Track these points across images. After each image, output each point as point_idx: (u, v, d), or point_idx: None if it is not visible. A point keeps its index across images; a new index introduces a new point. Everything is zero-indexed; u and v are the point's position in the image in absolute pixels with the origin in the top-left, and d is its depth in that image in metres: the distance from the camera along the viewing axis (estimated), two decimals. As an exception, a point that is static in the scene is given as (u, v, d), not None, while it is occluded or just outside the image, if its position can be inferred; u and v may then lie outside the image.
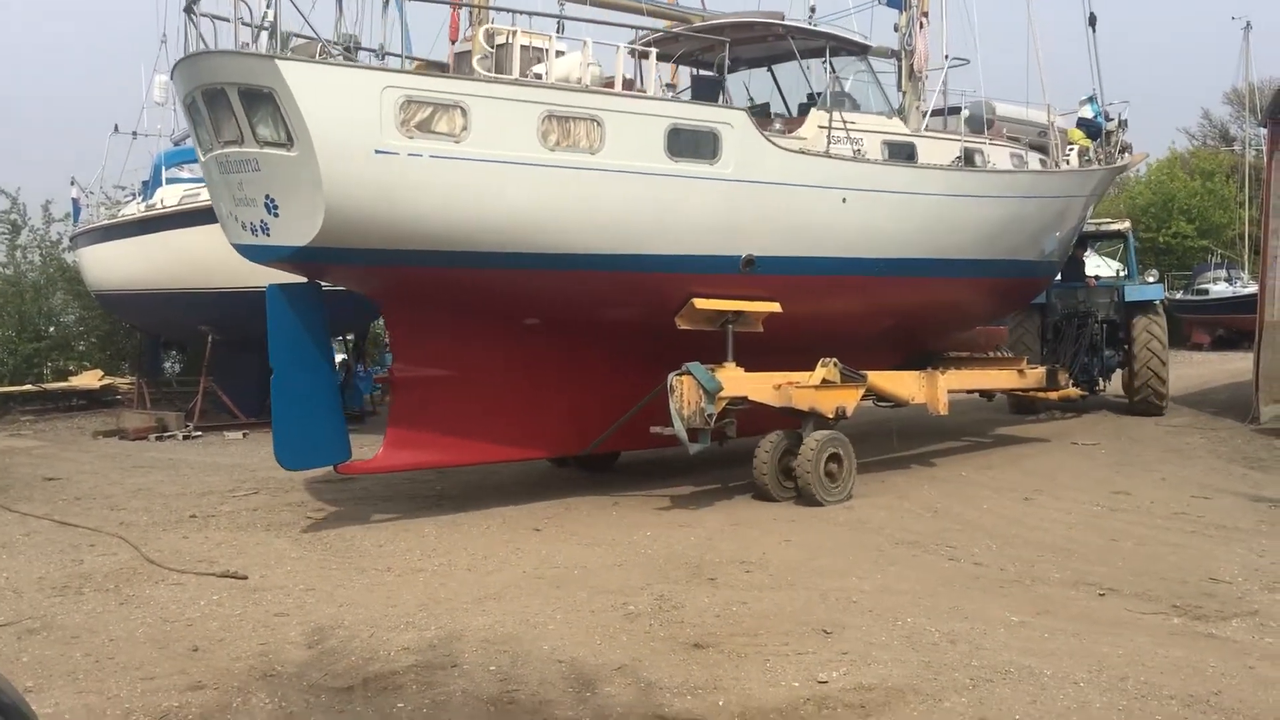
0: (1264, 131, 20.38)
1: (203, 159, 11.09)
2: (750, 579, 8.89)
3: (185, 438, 18.67)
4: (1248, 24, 50.33)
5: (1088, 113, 18.22)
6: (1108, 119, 18.35)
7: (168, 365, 25.94)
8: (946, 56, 15.28)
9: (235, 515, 11.74)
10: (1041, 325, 19.82)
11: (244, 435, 18.80)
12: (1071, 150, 17.44)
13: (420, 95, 9.94)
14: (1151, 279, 21.32)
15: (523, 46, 10.97)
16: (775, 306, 12.20)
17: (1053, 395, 17.22)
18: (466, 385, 11.64)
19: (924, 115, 14.72)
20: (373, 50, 10.82)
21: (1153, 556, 9.52)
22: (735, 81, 15.17)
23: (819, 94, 13.78)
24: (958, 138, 14.44)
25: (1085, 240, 20.64)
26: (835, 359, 12.49)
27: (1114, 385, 21.18)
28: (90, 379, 24.07)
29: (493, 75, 10.70)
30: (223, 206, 11.08)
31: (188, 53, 10.19)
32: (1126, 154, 19.15)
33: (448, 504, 12.24)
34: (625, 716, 6.00)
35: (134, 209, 21.74)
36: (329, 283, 11.47)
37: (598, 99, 10.84)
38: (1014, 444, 16.51)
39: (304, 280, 11.13)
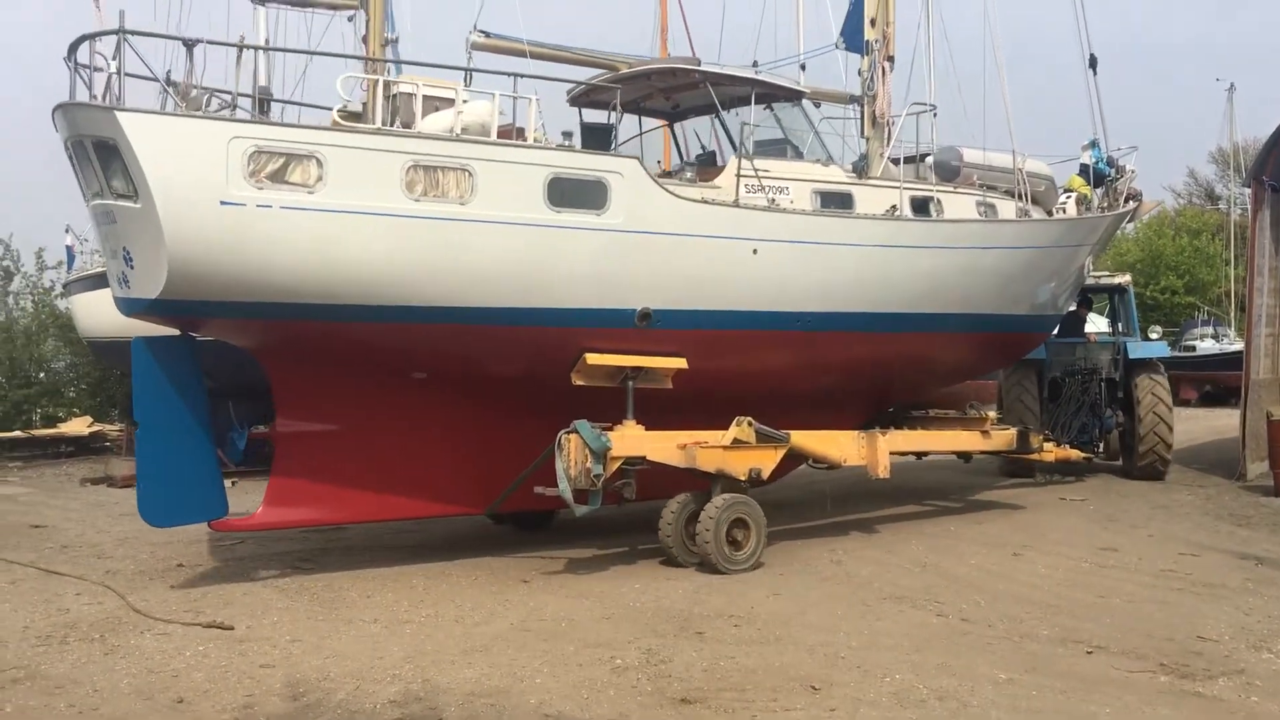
0: (1248, 191, 20.61)
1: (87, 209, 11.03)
2: (738, 633, 8.88)
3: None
4: (1231, 85, 51.27)
5: (1089, 158, 17.42)
6: (1111, 165, 17.60)
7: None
8: (933, 108, 15.05)
9: (223, 564, 11.70)
10: (1038, 382, 18.76)
11: (233, 484, 18.58)
12: (1069, 198, 16.76)
13: (271, 146, 9.83)
14: (1155, 335, 20.54)
15: (407, 95, 10.83)
16: (680, 362, 11.77)
17: (1048, 458, 16.37)
18: (351, 440, 11.30)
19: (883, 162, 14.30)
20: (299, 103, 10.70)
21: (1140, 614, 9.52)
22: (684, 129, 14.98)
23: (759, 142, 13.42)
24: (897, 184, 13.72)
25: (1085, 295, 19.77)
26: (750, 418, 11.81)
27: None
28: (79, 425, 24.02)
29: (351, 125, 10.58)
30: (104, 258, 11.03)
31: (59, 103, 10.10)
32: (1134, 202, 18.16)
33: (435, 553, 12.20)
34: (611, 772, 5.98)
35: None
36: (205, 335, 11.21)
37: (469, 148, 10.57)
38: (1002, 498, 16.50)
39: (173, 333, 10.95)
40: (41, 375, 24.97)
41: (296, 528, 12.45)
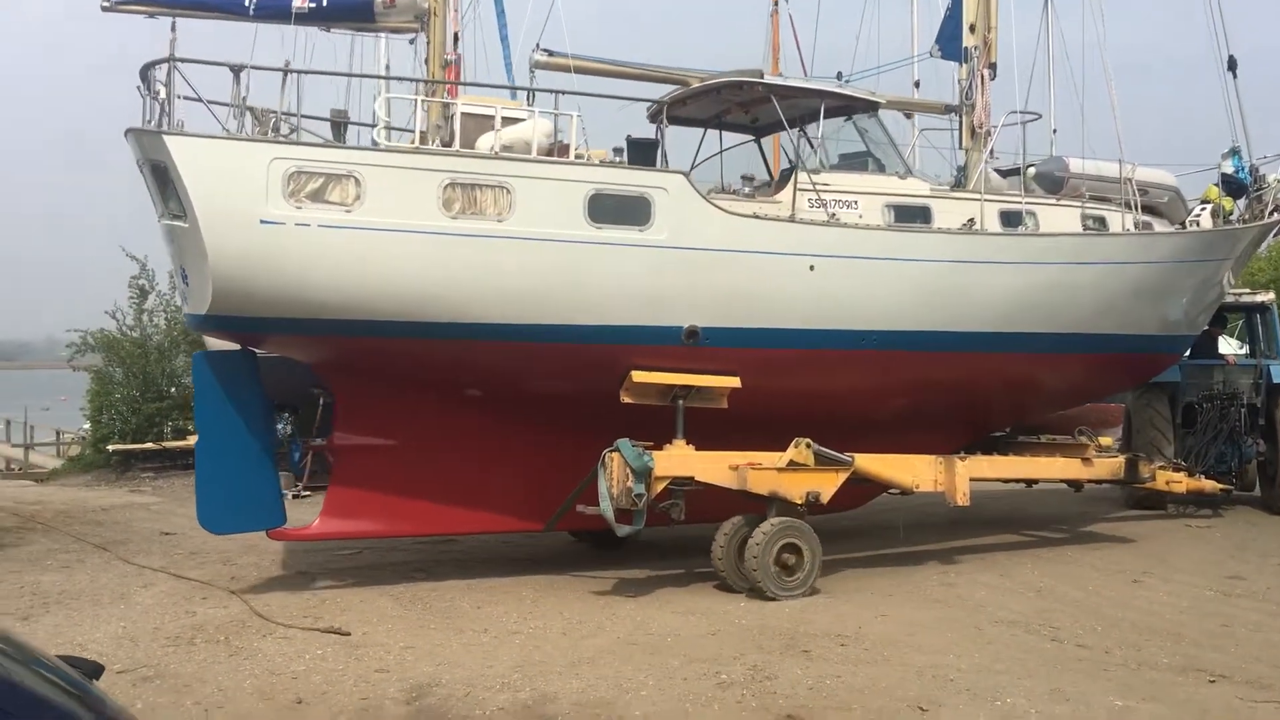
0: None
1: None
2: (845, 652, 8.82)
3: (295, 497, 19.10)
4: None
5: (1229, 167, 16.38)
6: (1253, 175, 16.46)
7: (280, 427, 26.68)
8: (1037, 116, 14.40)
9: (341, 572, 12.05)
10: (1172, 407, 17.46)
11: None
12: (1204, 210, 15.77)
13: (311, 166, 10.07)
14: None
15: (468, 114, 11.03)
16: (733, 381, 11.44)
17: (1179, 489, 15.16)
18: (407, 454, 11.43)
19: (978, 173, 13.72)
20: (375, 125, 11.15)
21: (1267, 643, 9.17)
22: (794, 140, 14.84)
23: (845, 154, 13.13)
24: (979, 197, 12.99)
25: (1219, 314, 18.05)
26: (809, 439, 11.28)
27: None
28: (207, 438, 24.89)
29: (390, 145, 10.78)
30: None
31: (128, 128, 10.51)
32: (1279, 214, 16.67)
33: (544, 567, 12.38)
34: (715, 785, 6.00)
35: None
36: (265, 351, 11.54)
37: (507, 166, 10.59)
38: (1123, 524, 15.99)
39: (234, 348, 11.32)
40: (173, 390, 25.85)
41: (351, 539, 12.71)
